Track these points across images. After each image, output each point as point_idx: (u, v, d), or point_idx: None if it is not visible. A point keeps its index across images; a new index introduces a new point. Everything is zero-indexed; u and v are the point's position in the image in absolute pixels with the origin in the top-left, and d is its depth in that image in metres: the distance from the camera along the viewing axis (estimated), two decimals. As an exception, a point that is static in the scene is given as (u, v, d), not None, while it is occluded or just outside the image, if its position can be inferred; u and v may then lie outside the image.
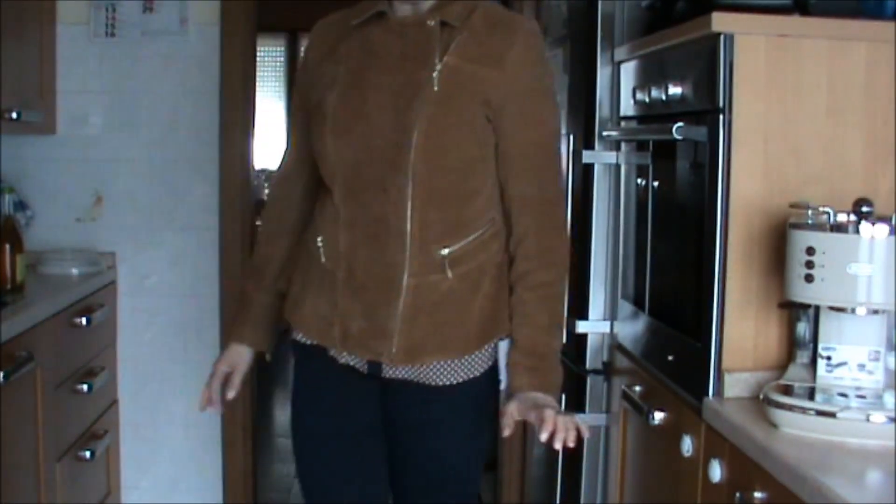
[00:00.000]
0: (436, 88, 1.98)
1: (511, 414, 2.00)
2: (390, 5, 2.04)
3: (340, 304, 2.07)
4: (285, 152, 2.27)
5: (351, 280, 2.06)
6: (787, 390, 1.81)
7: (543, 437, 1.88)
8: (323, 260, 2.11)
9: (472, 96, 1.99)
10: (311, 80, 2.14)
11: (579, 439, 1.89)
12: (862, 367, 1.83)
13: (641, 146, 2.51)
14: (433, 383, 2.09)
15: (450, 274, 2.04)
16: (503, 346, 2.11)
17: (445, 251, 2.03)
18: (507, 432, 2.00)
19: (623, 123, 2.61)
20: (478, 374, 2.10)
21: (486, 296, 2.08)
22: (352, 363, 2.12)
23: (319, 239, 2.12)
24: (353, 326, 2.07)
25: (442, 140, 1.99)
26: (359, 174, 2.03)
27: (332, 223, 2.09)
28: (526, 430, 3.60)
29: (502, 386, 2.11)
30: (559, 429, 1.87)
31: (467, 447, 2.17)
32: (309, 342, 2.16)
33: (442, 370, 2.09)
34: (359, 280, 2.06)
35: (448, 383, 2.09)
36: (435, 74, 1.98)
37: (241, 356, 2.30)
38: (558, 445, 1.88)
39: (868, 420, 1.69)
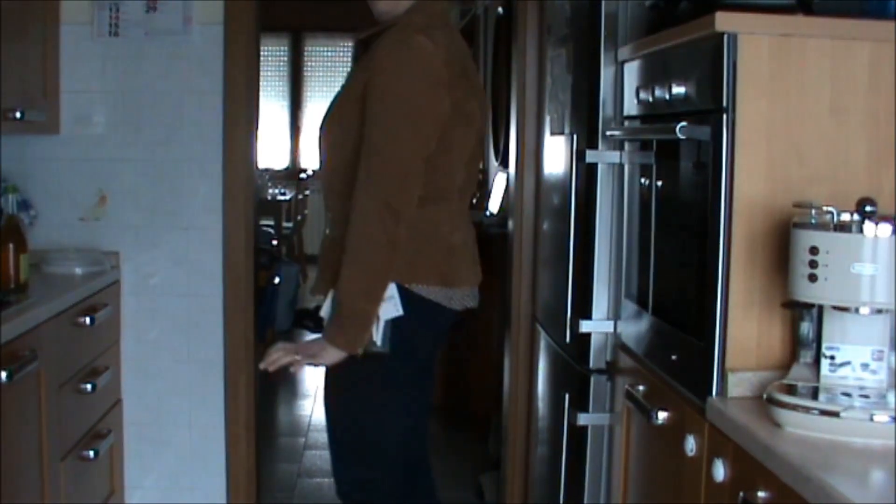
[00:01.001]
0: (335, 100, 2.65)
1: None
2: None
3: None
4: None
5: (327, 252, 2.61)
6: (791, 390, 1.81)
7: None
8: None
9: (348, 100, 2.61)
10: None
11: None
12: (865, 366, 1.83)
13: (645, 146, 2.50)
14: None
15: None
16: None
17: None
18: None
19: (626, 123, 2.61)
20: None
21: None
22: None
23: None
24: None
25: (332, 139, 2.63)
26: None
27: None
28: (529, 430, 3.60)
29: None
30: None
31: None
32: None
33: None
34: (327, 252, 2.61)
35: None
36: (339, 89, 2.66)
37: None
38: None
39: (872, 420, 1.68)
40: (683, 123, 2.06)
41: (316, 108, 11.34)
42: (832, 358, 1.84)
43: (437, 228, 2.59)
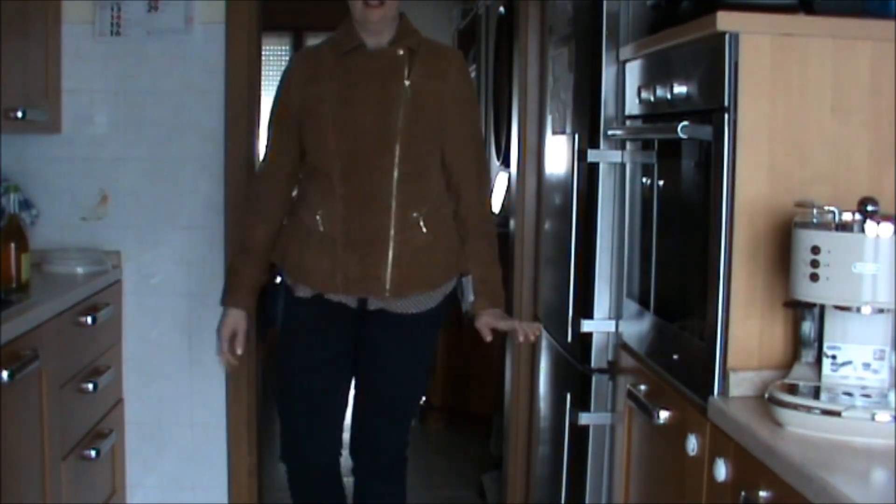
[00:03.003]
0: (408, 98, 2.81)
1: (486, 324, 2.91)
2: (364, 39, 2.83)
3: (340, 258, 2.83)
4: (266, 154, 3.00)
5: (348, 240, 2.82)
6: (793, 389, 1.81)
7: (520, 338, 2.87)
8: (321, 228, 2.85)
9: (431, 103, 2.84)
10: (301, 95, 2.87)
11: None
12: (867, 366, 1.83)
13: (646, 145, 2.51)
14: (406, 312, 2.90)
15: (424, 229, 2.85)
16: (466, 280, 2.94)
17: (418, 213, 2.84)
18: (489, 338, 2.91)
19: (628, 122, 2.61)
20: (435, 305, 2.93)
21: (447, 244, 2.92)
22: (344, 301, 2.90)
23: (319, 213, 2.84)
24: (352, 273, 2.83)
25: (414, 134, 2.81)
26: (353, 161, 2.81)
27: (330, 199, 2.83)
28: (531, 430, 3.60)
29: (465, 308, 2.96)
30: (525, 329, 2.87)
31: (426, 357, 3.06)
32: (308, 295, 2.91)
33: (414, 301, 2.90)
34: (354, 239, 2.82)
35: (416, 311, 2.91)
36: (406, 88, 2.81)
37: (241, 319, 3.01)
38: (521, 338, 2.87)
39: (873, 419, 1.68)
40: (685, 123, 2.06)
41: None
42: (834, 357, 1.84)
43: None
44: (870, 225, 1.74)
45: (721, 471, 1.85)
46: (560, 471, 2.97)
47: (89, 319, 3.22)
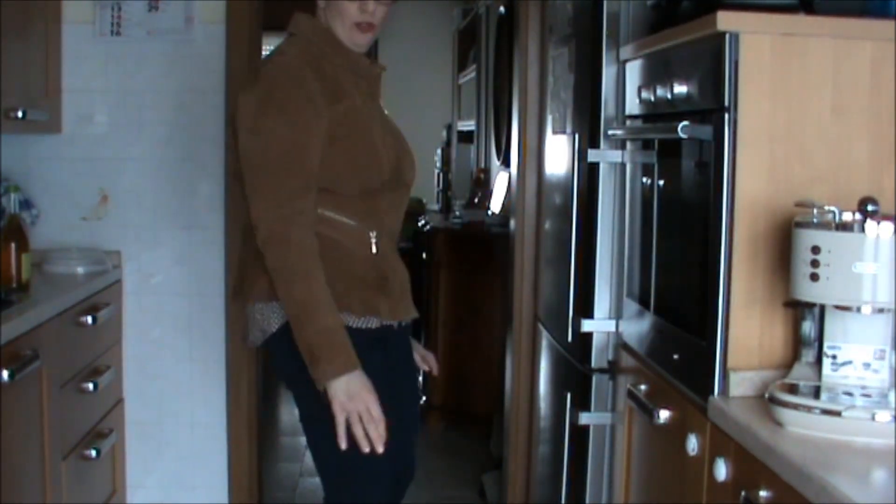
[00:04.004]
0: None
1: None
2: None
3: (392, 283, 2.61)
4: (299, 187, 2.46)
5: (391, 262, 2.64)
6: (793, 389, 1.80)
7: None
8: (374, 251, 2.58)
9: None
10: (329, 114, 2.50)
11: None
12: (867, 365, 1.82)
13: (647, 145, 2.50)
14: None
15: None
16: None
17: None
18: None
19: (628, 122, 2.61)
20: None
21: None
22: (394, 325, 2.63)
23: (373, 234, 2.59)
24: (403, 297, 2.66)
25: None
26: (396, 176, 2.64)
27: (376, 220, 2.59)
28: (531, 430, 3.60)
29: None
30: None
31: None
32: (372, 326, 2.55)
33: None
34: (392, 260, 2.65)
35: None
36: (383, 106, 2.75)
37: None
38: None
39: (873, 419, 1.68)
40: (685, 123, 2.06)
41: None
42: (834, 357, 1.84)
43: None
44: (870, 225, 1.74)
45: (721, 470, 1.85)
46: (560, 471, 2.97)
47: (90, 319, 3.22)
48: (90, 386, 3.22)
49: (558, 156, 3.18)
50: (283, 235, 2.43)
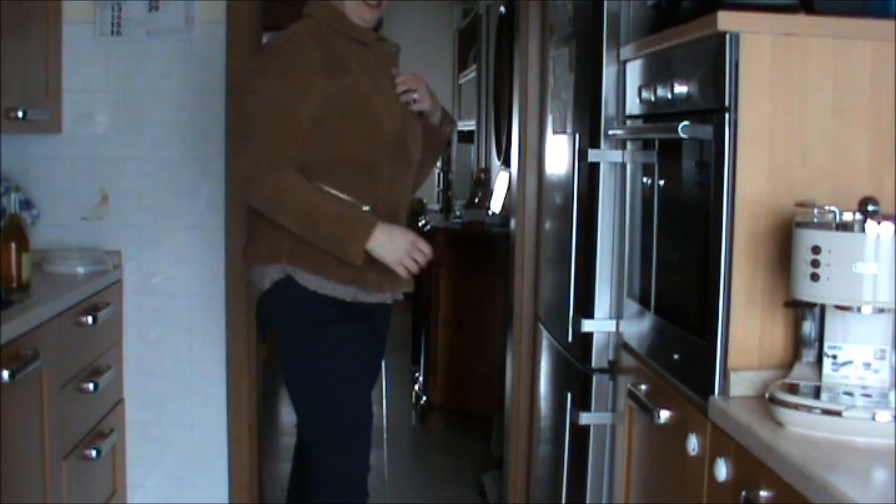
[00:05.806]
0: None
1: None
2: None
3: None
4: (283, 143, 2.66)
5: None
6: (793, 389, 1.81)
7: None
8: None
9: None
10: (327, 85, 2.67)
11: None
12: (868, 365, 1.83)
13: (647, 145, 2.51)
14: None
15: None
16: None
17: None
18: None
19: (629, 122, 2.61)
20: None
21: None
22: (386, 301, 2.86)
23: (366, 209, 2.69)
24: (391, 271, 2.72)
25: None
26: (400, 152, 2.79)
27: (372, 194, 2.72)
28: (531, 430, 3.60)
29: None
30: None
31: None
32: (349, 298, 2.73)
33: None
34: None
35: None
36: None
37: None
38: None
39: (874, 419, 1.68)
40: (686, 123, 2.06)
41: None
42: (834, 357, 1.84)
43: None
44: (870, 225, 1.74)
45: (721, 470, 1.85)
46: (560, 470, 2.97)
47: (90, 319, 3.22)
48: (90, 386, 3.22)
49: (559, 156, 3.18)
50: (262, 178, 2.62)
